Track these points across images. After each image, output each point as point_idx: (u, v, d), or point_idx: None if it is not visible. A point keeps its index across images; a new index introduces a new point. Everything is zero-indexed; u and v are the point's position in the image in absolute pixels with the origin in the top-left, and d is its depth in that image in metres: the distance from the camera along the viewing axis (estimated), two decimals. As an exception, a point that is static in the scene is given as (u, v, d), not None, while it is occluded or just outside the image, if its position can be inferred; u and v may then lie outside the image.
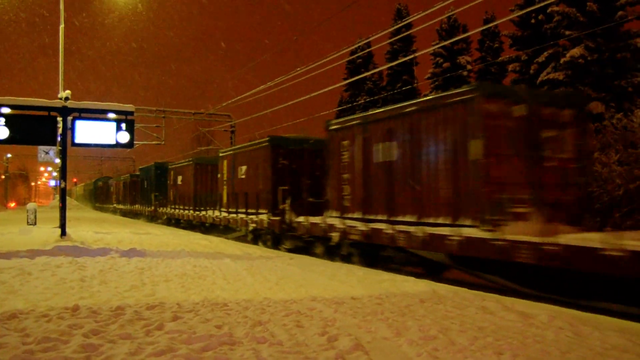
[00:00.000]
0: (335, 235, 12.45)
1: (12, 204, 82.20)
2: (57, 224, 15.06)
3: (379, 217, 11.37)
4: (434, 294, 7.53)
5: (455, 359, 4.50)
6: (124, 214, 42.63)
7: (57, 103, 13.52)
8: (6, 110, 12.76)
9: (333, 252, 13.00)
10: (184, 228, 26.14)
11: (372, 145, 11.78)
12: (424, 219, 10.15)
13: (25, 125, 12.98)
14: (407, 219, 10.53)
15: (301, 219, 14.25)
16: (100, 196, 60.90)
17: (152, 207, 32.25)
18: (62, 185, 14.62)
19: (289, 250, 14.99)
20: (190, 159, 27.10)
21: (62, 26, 17.27)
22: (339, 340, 4.92)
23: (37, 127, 13.10)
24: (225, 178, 20.60)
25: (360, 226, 11.60)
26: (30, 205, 22.88)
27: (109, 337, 4.85)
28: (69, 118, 13.55)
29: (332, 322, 5.71)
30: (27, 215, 21.96)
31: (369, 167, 11.87)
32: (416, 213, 10.36)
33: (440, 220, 9.75)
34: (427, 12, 15.60)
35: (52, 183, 79.43)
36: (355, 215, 12.18)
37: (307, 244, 14.73)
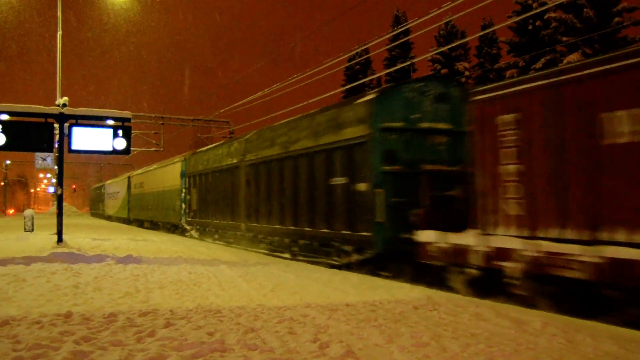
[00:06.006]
0: (512, 267, 7.81)
1: (11, 211, 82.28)
2: (55, 230, 15.05)
3: (618, 238, 6.56)
4: (428, 300, 7.51)
5: (447, 365, 4.49)
6: None
7: (53, 109, 13.55)
8: (3, 116, 12.79)
9: (483, 286, 8.48)
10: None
11: (595, 114, 6.94)
12: None
13: (22, 132, 13.00)
14: None
15: (432, 236, 9.50)
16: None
17: None
18: (59, 192, 14.62)
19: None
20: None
21: (59, 33, 17.34)
22: (331, 347, 4.91)
23: (33, 134, 13.11)
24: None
25: (581, 254, 6.85)
26: (28, 212, 22.87)
27: (99, 344, 4.84)
28: (66, 125, 13.58)
29: (325, 328, 5.70)
30: (25, 222, 21.94)
31: (591, 150, 7.04)
32: None
33: None
34: (424, 19, 15.68)
35: (51, 190, 78.57)
36: (546, 234, 7.46)
37: (430, 272, 9.80)
